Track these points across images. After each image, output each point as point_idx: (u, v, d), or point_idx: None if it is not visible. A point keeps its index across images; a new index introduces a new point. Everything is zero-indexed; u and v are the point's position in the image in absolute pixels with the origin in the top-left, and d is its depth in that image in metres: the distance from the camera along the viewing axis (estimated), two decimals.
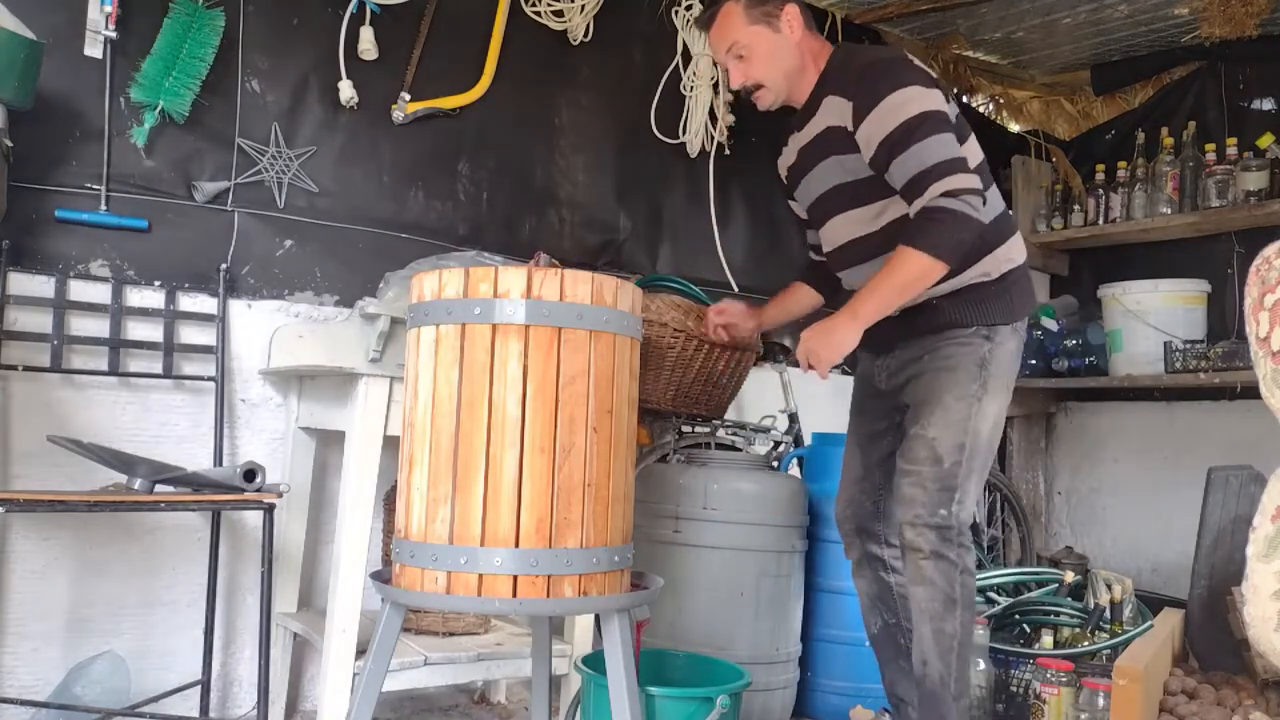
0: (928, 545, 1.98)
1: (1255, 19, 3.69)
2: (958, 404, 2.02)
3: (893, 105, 1.94)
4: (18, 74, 2.08)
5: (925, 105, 1.94)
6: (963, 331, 2.06)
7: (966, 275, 2.05)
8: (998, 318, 2.07)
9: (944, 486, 1.98)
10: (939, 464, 1.99)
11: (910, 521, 2.00)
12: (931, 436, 2.01)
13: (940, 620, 1.98)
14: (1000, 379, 2.06)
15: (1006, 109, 4.72)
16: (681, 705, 1.89)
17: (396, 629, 1.67)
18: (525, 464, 1.53)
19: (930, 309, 2.08)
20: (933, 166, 1.90)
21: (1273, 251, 2.02)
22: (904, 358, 2.15)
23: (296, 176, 2.72)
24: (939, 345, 2.08)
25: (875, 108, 1.95)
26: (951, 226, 1.88)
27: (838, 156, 2.07)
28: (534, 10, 3.14)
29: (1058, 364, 4.27)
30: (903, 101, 1.94)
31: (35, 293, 2.36)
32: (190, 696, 2.39)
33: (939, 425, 2.01)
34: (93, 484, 2.18)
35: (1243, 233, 3.92)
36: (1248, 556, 2.00)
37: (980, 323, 2.06)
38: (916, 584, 2.00)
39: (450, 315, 1.57)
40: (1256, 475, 2.63)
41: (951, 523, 1.98)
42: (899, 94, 1.94)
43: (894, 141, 1.93)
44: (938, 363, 2.07)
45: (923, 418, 2.04)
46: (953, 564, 1.98)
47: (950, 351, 2.06)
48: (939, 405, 2.03)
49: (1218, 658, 2.55)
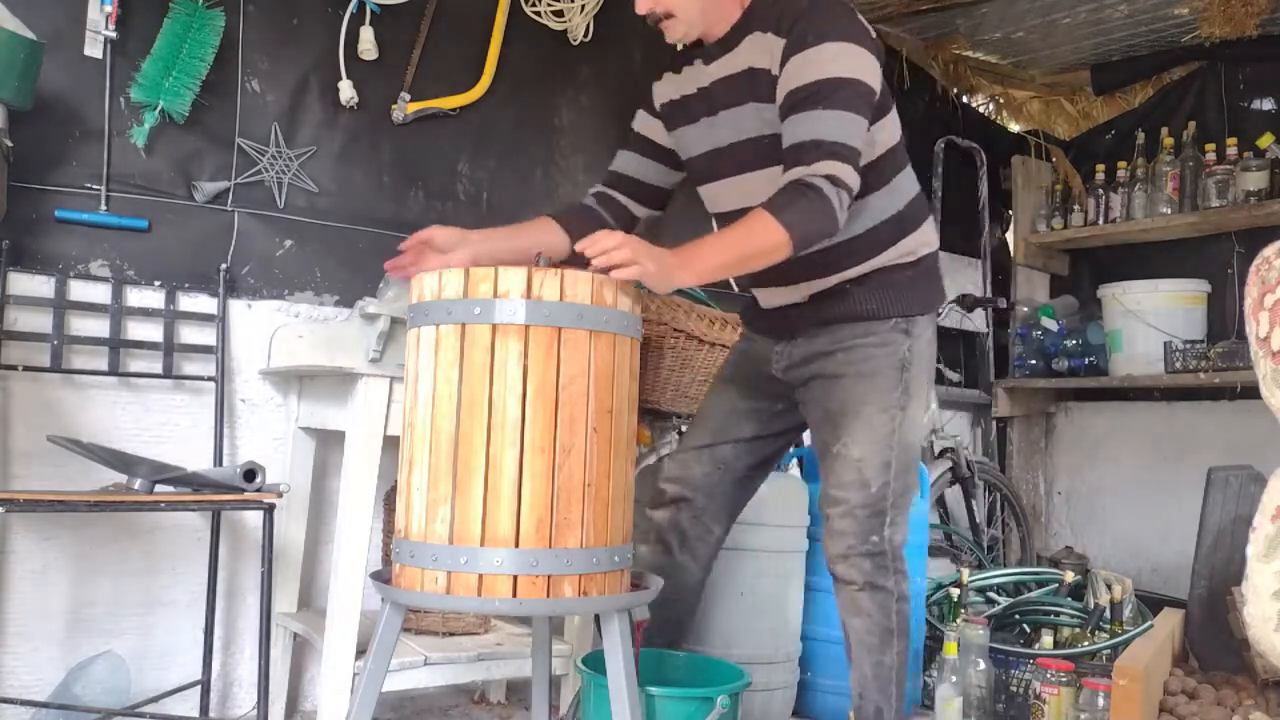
0: (861, 576, 1.86)
1: (1255, 19, 3.70)
2: (880, 416, 1.87)
3: (822, 56, 1.74)
4: (18, 74, 2.08)
5: (854, 71, 1.75)
6: (879, 326, 1.91)
7: (885, 256, 1.91)
8: (917, 307, 1.94)
9: (874, 512, 1.86)
10: (866, 488, 1.86)
11: (842, 554, 1.88)
12: (857, 457, 1.86)
13: (879, 653, 1.89)
14: (922, 377, 1.94)
15: (1006, 109, 4.72)
16: (681, 705, 1.89)
17: (396, 629, 1.67)
18: (525, 464, 1.53)
19: (841, 295, 1.92)
20: (830, 143, 1.71)
21: (1273, 251, 2.02)
22: (810, 349, 1.97)
23: (296, 176, 2.72)
24: (854, 344, 1.91)
25: (803, 51, 1.75)
26: (820, 215, 1.69)
27: (758, 105, 1.84)
28: (534, 10, 3.14)
29: (1058, 364, 4.28)
30: (834, 56, 1.74)
31: (35, 293, 2.36)
32: (190, 696, 2.39)
33: (863, 443, 1.86)
34: (93, 484, 2.18)
35: (1243, 233, 3.93)
36: (1248, 556, 2.00)
37: (899, 314, 1.91)
38: (852, 615, 1.90)
39: (450, 315, 1.57)
40: (1256, 475, 2.63)
41: (885, 548, 1.87)
42: (834, 46, 1.74)
43: (804, 96, 1.73)
44: (854, 366, 1.90)
45: (843, 433, 1.88)
46: (889, 593, 1.88)
47: (867, 353, 1.90)
48: (859, 419, 1.87)
49: (1218, 658, 2.55)
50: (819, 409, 1.96)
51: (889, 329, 1.91)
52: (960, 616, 2.74)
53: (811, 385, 1.97)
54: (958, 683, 2.56)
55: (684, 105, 1.99)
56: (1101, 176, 4.23)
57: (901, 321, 1.92)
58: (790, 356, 2.01)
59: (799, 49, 1.75)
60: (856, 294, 1.92)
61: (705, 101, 1.94)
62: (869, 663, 1.90)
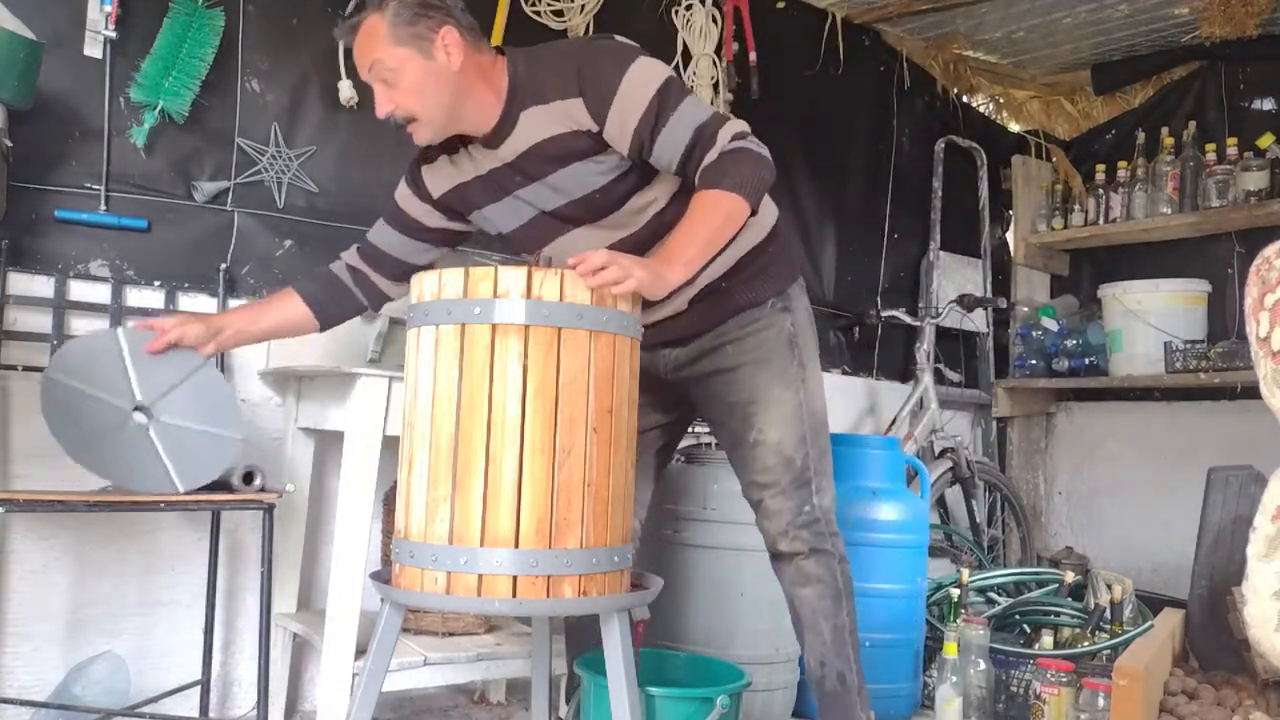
0: (804, 545, 1.91)
1: (1255, 19, 3.70)
2: (785, 393, 1.91)
3: (632, 87, 1.73)
4: (18, 74, 2.08)
5: (661, 74, 1.76)
6: (759, 311, 1.94)
7: (745, 239, 1.90)
8: (785, 281, 1.97)
9: (800, 484, 1.91)
10: (791, 466, 1.90)
11: (782, 531, 1.91)
12: (775, 441, 1.90)
13: (834, 616, 1.92)
14: (810, 345, 1.98)
15: (1006, 109, 4.72)
16: (681, 705, 1.89)
17: (396, 629, 1.67)
18: (525, 464, 1.53)
19: (720, 294, 1.93)
20: (705, 122, 1.73)
21: (1273, 251, 2.02)
22: (697, 348, 1.98)
23: (296, 176, 2.72)
24: (741, 335, 1.94)
25: (615, 96, 1.73)
26: (754, 165, 1.70)
27: (584, 161, 1.81)
28: (534, 10, 3.14)
29: (1058, 364, 4.28)
30: (640, 80, 1.74)
31: (35, 293, 2.36)
32: (190, 697, 2.39)
33: (778, 425, 1.90)
34: (93, 484, 2.18)
35: (1243, 233, 3.93)
36: (1248, 556, 2.00)
37: (774, 294, 1.95)
38: (801, 585, 1.93)
39: (450, 315, 1.57)
40: (1256, 475, 2.63)
41: (818, 515, 1.92)
42: (632, 73, 1.74)
43: (652, 119, 1.73)
44: (748, 354, 1.93)
45: (756, 420, 1.91)
46: (830, 554, 1.93)
47: (758, 339, 1.93)
48: (768, 401, 1.91)
49: (1218, 658, 2.55)
50: (721, 403, 1.97)
51: (769, 311, 1.95)
52: (960, 617, 2.74)
53: (706, 382, 1.98)
54: (958, 683, 2.56)
55: (472, 189, 1.93)
56: (1102, 176, 4.24)
57: (778, 300, 1.96)
58: (678, 358, 2.01)
59: (611, 92, 1.73)
60: (734, 289, 1.93)
61: (498, 183, 1.89)
62: (827, 628, 1.92)
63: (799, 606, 1.95)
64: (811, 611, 1.93)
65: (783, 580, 1.97)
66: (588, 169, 1.82)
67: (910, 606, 2.79)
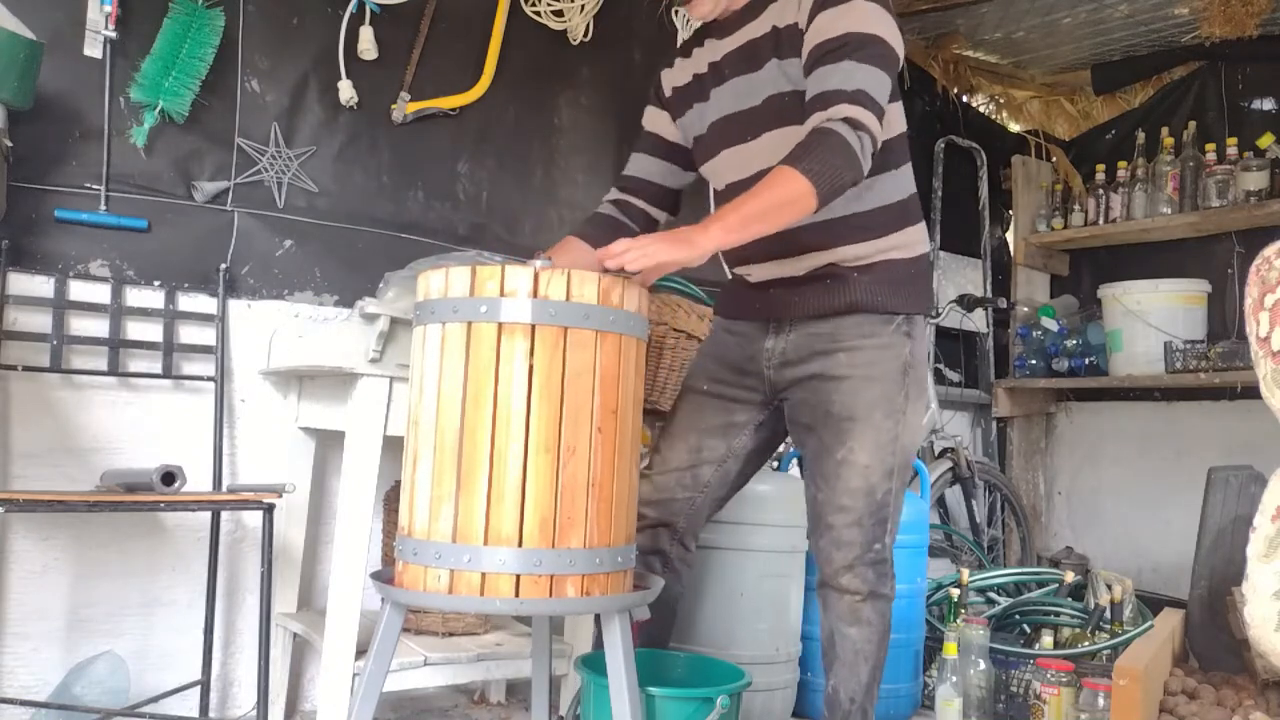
0: (866, 586, 1.82)
1: (1255, 19, 3.70)
2: (886, 421, 1.82)
3: (853, 12, 1.71)
4: (18, 74, 2.08)
5: (884, 33, 1.72)
6: (882, 327, 1.85)
7: (888, 242, 1.85)
8: (916, 306, 1.88)
9: (878, 520, 1.82)
10: (872, 496, 1.81)
11: (847, 565, 1.82)
12: (864, 464, 1.81)
13: (874, 657, 1.85)
14: (920, 382, 1.89)
15: (1006, 109, 4.73)
16: (681, 705, 1.89)
17: (397, 629, 1.66)
18: (529, 463, 1.53)
19: (840, 277, 1.85)
20: (854, 91, 1.66)
21: (1273, 251, 2.02)
22: (809, 346, 1.88)
23: (296, 176, 2.71)
24: (857, 345, 1.85)
25: (835, 6, 1.71)
26: (840, 156, 1.62)
27: (779, 61, 1.79)
28: (534, 10, 3.14)
29: (1058, 364, 4.28)
30: (865, 13, 1.71)
31: (35, 293, 2.36)
32: (190, 697, 2.39)
33: (870, 449, 1.81)
34: (92, 484, 2.18)
35: (1243, 233, 3.94)
36: (1248, 556, 2.00)
37: (901, 310, 1.86)
38: (850, 625, 1.84)
39: (456, 314, 1.57)
40: (1256, 475, 2.63)
41: (886, 555, 1.84)
42: (866, 4, 1.72)
43: (832, 47, 1.69)
44: (860, 369, 1.84)
45: (849, 438, 1.82)
46: (887, 600, 1.85)
47: (872, 356, 1.84)
48: (868, 424, 1.81)
49: (1218, 658, 2.55)
50: (818, 411, 1.87)
51: (892, 331, 1.86)
52: (960, 617, 2.74)
53: (809, 385, 1.89)
54: (958, 683, 2.56)
55: (696, 83, 1.98)
56: (1102, 176, 4.24)
57: (904, 323, 1.87)
58: (784, 354, 1.91)
59: (830, 4, 1.73)
60: (861, 282, 1.85)
61: (716, 74, 1.92)
62: (865, 670, 1.86)
63: (840, 642, 1.87)
64: (854, 653, 1.85)
65: (828, 612, 1.88)
66: (783, 69, 1.79)
67: (910, 606, 2.79)
